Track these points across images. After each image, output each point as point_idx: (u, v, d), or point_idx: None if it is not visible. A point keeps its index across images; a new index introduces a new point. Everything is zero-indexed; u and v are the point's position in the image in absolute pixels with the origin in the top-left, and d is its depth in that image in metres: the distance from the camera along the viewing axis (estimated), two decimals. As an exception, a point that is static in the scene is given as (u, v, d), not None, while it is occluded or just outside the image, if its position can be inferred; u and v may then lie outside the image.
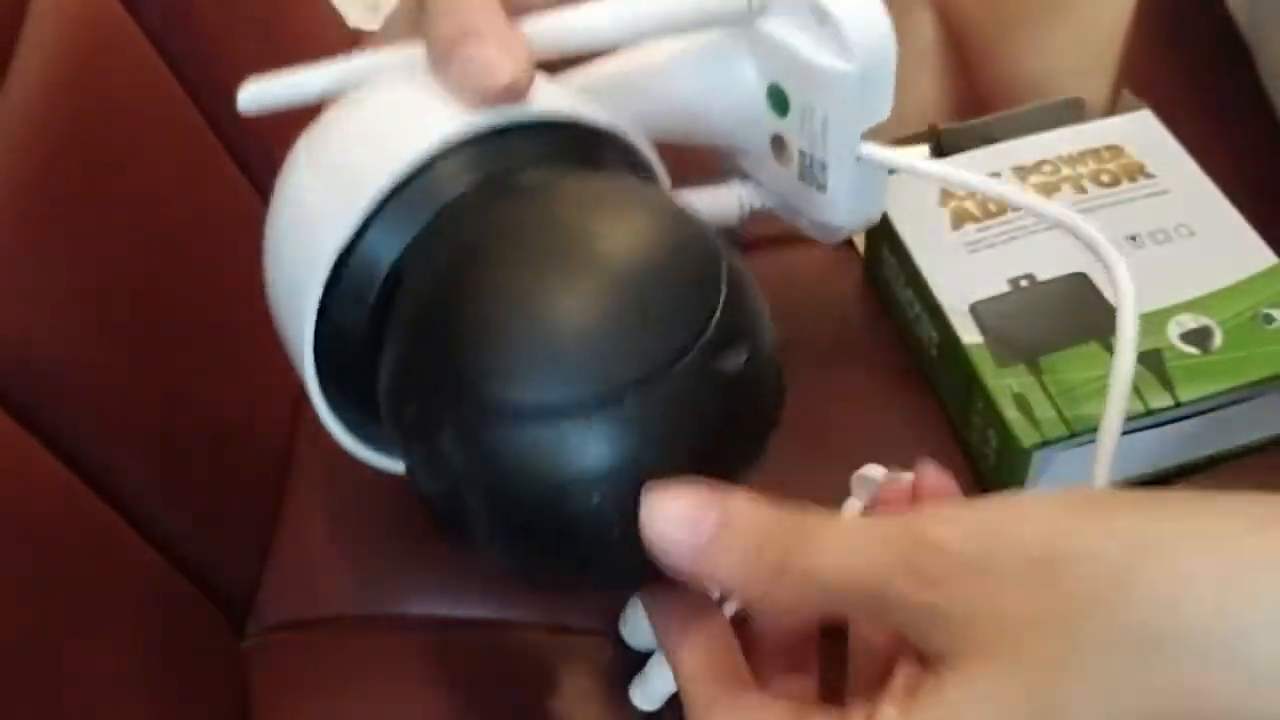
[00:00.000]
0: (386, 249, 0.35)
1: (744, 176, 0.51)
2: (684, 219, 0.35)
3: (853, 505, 0.42)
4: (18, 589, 0.36)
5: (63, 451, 0.40)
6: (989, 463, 0.51)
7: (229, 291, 0.51)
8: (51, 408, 0.41)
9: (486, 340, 0.31)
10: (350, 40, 0.72)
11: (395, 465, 0.40)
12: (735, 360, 0.32)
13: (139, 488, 0.44)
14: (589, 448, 0.31)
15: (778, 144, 0.47)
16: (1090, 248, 0.46)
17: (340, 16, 0.73)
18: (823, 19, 0.42)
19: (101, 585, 0.40)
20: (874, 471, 0.42)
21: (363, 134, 0.37)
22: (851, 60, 0.42)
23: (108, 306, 0.44)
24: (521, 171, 0.36)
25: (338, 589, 0.50)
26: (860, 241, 0.60)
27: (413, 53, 0.41)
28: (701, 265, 0.33)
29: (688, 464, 0.32)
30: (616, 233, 0.33)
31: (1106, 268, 0.45)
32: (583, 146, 0.38)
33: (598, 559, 0.34)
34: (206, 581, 0.47)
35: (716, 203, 0.50)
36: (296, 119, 0.63)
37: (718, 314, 0.32)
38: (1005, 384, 0.49)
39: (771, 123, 0.47)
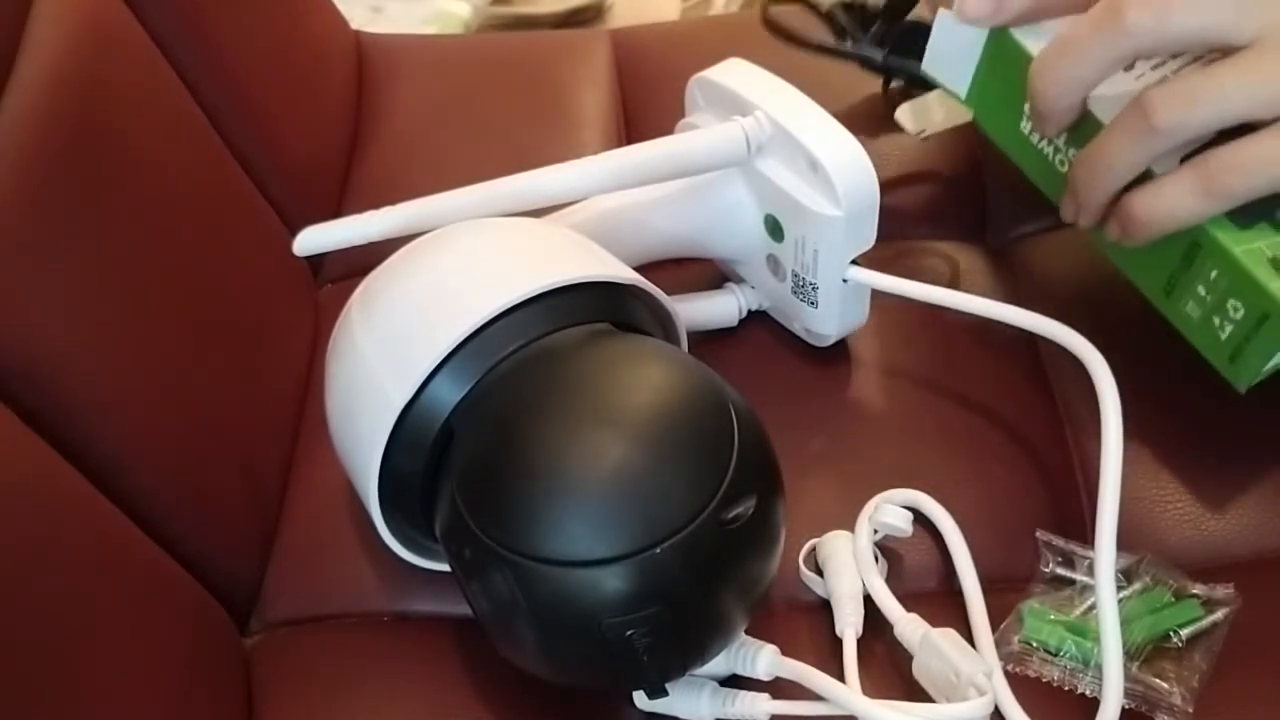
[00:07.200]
0: (441, 405, 0.40)
1: (740, 280, 0.56)
2: (700, 381, 0.40)
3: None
4: (21, 585, 0.36)
5: (68, 449, 0.41)
6: (1216, 338, 0.44)
7: (234, 291, 0.53)
8: (56, 406, 0.41)
9: (532, 501, 0.37)
10: (353, 43, 0.72)
11: (445, 567, 0.46)
12: (744, 510, 0.38)
13: (144, 486, 0.44)
14: (622, 590, 0.37)
15: (773, 262, 0.52)
16: (1075, 352, 0.45)
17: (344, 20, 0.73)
18: (814, 166, 0.47)
19: (106, 582, 0.40)
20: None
21: (418, 303, 0.42)
22: (840, 206, 0.47)
23: (114, 306, 0.44)
24: (558, 332, 0.41)
25: (341, 587, 0.50)
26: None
27: (447, 205, 0.46)
28: (717, 429, 0.39)
29: (705, 596, 0.38)
30: (643, 400, 0.39)
31: (1089, 371, 0.44)
32: (611, 300, 0.43)
33: (629, 677, 0.40)
34: (211, 579, 0.47)
35: (718, 307, 0.56)
36: (295, 116, 0.63)
37: (729, 475, 0.38)
38: (1255, 248, 0.42)
39: (768, 245, 0.52)
